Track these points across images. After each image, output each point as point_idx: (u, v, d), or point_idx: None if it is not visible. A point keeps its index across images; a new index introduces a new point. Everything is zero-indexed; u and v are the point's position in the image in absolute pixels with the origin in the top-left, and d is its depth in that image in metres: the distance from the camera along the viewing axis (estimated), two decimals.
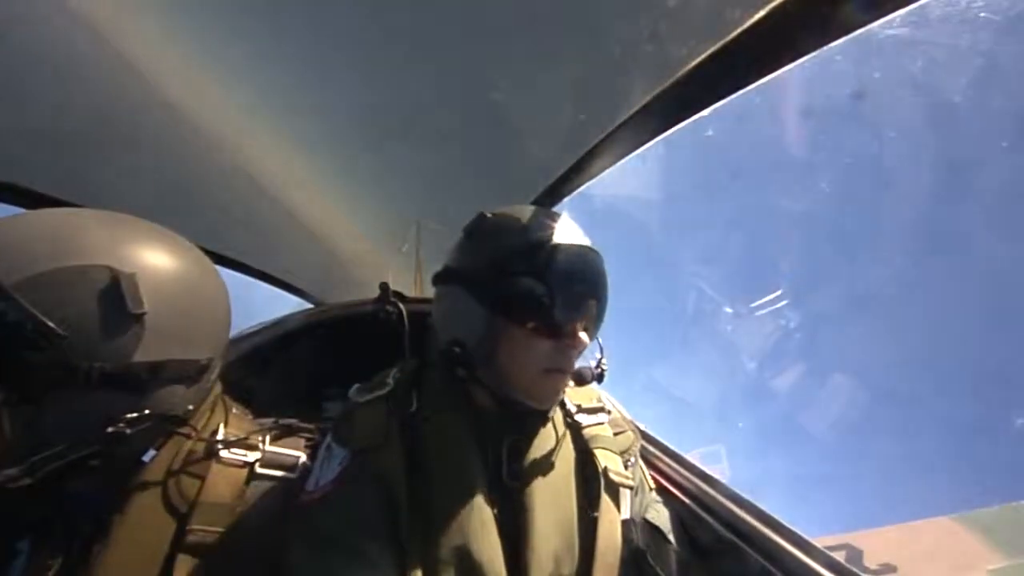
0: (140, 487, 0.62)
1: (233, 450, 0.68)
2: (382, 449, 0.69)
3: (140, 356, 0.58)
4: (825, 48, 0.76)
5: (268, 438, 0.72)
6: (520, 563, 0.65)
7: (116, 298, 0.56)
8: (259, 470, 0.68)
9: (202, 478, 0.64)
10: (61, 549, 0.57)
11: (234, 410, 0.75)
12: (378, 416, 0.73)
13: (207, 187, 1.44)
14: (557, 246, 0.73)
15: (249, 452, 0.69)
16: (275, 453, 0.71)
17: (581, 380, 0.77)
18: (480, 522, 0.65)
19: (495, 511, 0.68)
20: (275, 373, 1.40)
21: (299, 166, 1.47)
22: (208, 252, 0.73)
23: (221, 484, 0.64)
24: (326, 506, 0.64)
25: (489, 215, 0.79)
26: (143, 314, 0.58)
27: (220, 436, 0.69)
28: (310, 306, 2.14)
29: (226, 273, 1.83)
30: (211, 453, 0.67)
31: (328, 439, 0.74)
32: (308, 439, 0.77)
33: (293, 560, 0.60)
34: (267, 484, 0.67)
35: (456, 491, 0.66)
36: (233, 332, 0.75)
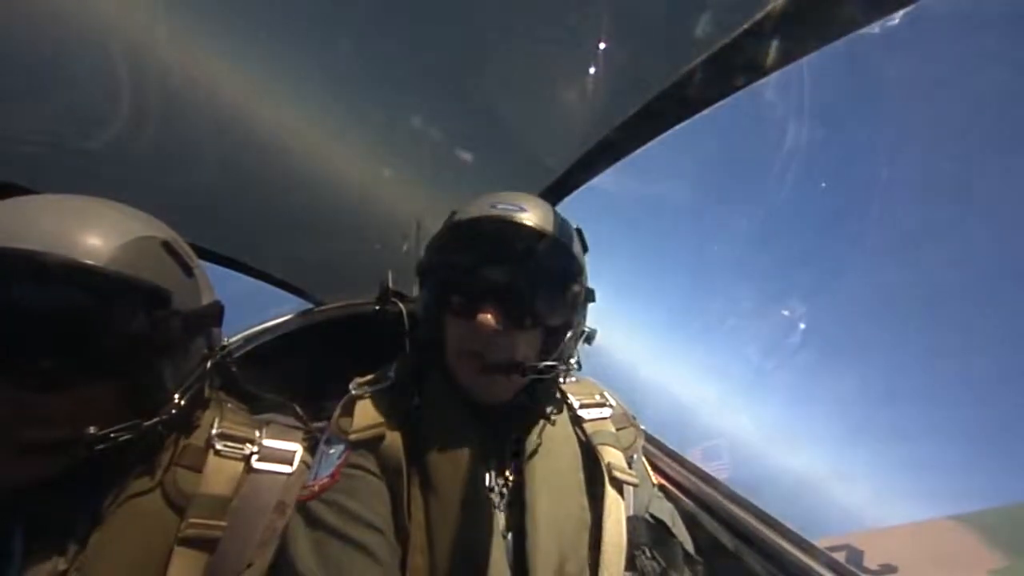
0: (139, 482, 0.61)
1: (229, 443, 0.68)
2: (383, 442, 0.69)
3: (207, 299, 0.69)
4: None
5: (264, 432, 0.72)
6: (525, 558, 0.64)
7: (178, 258, 0.65)
8: (255, 464, 0.68)
9: (199, 471, 0.64)
10: (56, 548, 0.56)
11: (229, 405, 0.75)
12: (379, 409, 0.73)
13: (206, 187, 1.44)
14: (476, 229, 0.69)
15: (245, 445, 0.69)
16: (271, 447, 0.70)
17: (512, 370, 0.69)
18: (481, 516, 0.65)
19: (499, 506, 0.68)
20: (275, 373, 1.40)
21: (298, 166, 1.47)
22: (207, 252, 0.73)
23: (218, 477, 0.64)
24: (326, 499, 0.64)
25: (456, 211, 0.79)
26: (193, 267, 0.68)
27: (216, 430, 0.68)
28: (310, 306, 2.14)
29: (226, 273, 1.83)
30: (208, 446, 0.67)
31: (327, 433, 0.74)
32: (305, 434, 0.77)
33: (294, 553, 0.61)
34: (264, 477, 0.67)
35: (457, 485, 0.66)
36: (233, 332, 0.75)
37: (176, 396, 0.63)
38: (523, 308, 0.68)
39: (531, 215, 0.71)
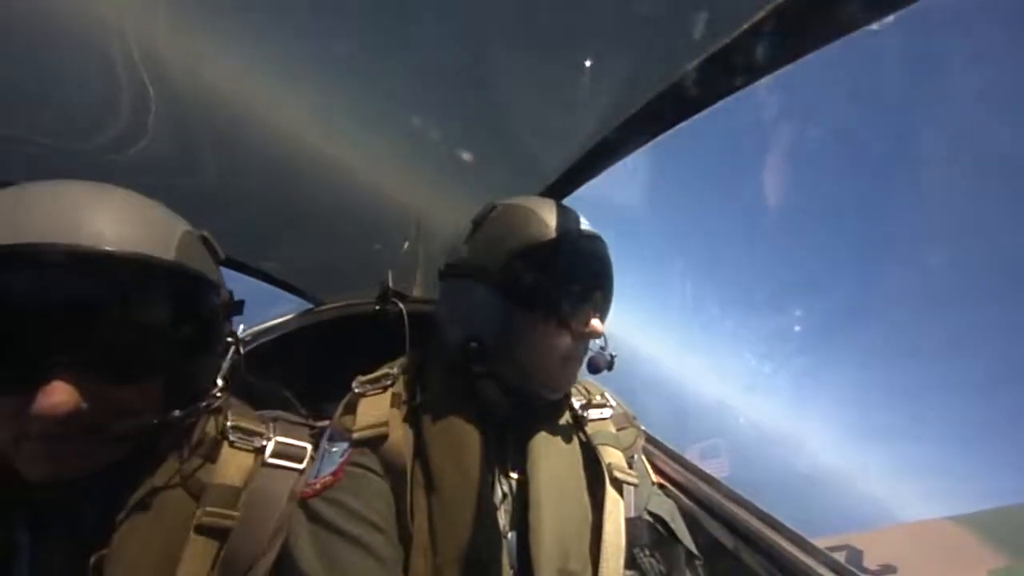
0: (154, 471, 0.61)
1: (242, 435, 0.69)
2: (386, 440, 0.69)
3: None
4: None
5: (275, 429, 0.73)
6: (529, 556, 0.65)
7: (211, 250, 0.71)
8: (269, 459, 0.68)
9: (213, 461, 0.65)
10: (66, 539, 0.55)
11: (233, 402, 0.75)
12: (382, 408, 0.73)
13: (205, 187, 1.44)
14: (570, 240, 0.75)
15: (255, 439, 0.69)
16: (284, 443, 0.71)
17: (595, 368, 0.80)
18: (485, 516, 0.65)
19: (502, 504, 0.69)
20: (275, 373, 1.40)
21: (298, 166, 1.47)
22: None
23: (231, 468, 0.65)
24: (328, 496, 0.64)
25: (498, 206, 0.80)
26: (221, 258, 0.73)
27: (230, 422, 0.69)
28: (310, 306, 2.14)
29: (226, 273, 1.82)
30: (222, 437, 0.67)
31: (328, 432, 0.74)
32: (310, 431, 0.78)
33: (296, 551, 0.61)
34: (276, 472, 0.68)
35: (461, 484, 0.66)
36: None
37: (219, 381, 0.67)
38: (606, 313, 0.80)
39: None
